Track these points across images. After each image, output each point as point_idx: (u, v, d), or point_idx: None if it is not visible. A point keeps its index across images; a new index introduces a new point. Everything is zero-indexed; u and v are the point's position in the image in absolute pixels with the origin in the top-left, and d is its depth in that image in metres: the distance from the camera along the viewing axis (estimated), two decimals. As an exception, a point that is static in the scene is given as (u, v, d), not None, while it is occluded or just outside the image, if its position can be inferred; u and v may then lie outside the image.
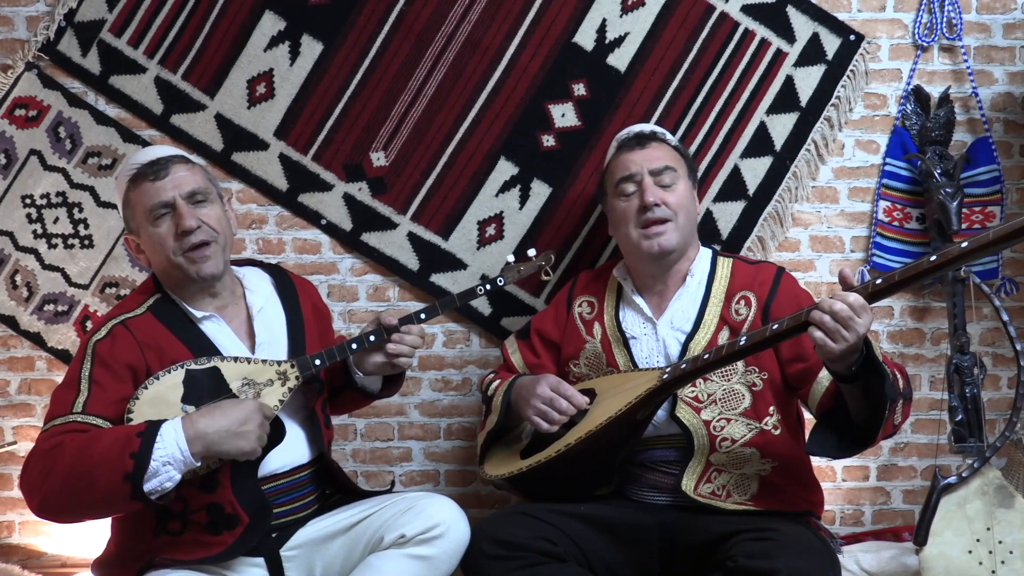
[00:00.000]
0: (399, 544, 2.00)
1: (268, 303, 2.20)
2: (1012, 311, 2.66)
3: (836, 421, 2.05)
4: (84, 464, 1.83)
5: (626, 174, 2.26)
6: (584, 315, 2.40)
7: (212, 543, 1.99)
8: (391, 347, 2.12)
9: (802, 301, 2.24)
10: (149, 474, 1.82)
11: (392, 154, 2.75)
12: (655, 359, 2.27)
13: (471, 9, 2.72)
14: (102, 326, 2.04)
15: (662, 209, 2.22)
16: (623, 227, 2.27)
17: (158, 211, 2.04)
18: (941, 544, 2.44)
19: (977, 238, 1.76)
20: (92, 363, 1.98)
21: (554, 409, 2.18)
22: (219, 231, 2.07)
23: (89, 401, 1.93)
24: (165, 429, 1.85)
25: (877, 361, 1.89)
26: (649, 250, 2.23)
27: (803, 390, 2.18)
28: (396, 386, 2.37)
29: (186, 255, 2.03)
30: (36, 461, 1.89)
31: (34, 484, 1.89)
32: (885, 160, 2.74)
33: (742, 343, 1.99)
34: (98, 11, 2.74)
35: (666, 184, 2.24)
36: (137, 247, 2.12)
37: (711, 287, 2.29)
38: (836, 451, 2.03)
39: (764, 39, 2.71)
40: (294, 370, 2.06)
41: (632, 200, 2.25)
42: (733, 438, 2.16)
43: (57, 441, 1.87)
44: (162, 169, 2.05)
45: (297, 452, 2.13)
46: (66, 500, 1.86)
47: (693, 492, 2.13)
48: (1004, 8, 2.74)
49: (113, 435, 1.86)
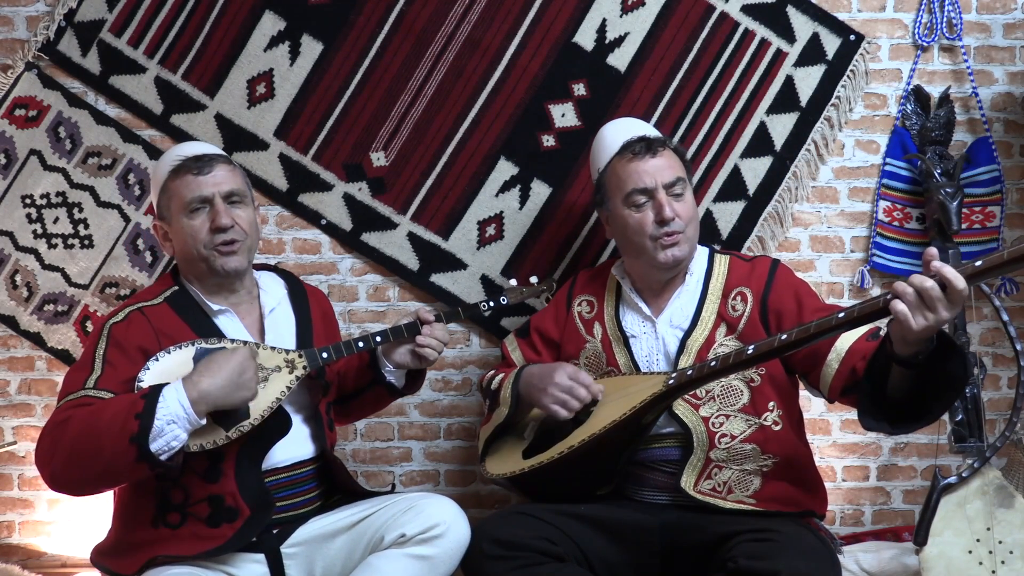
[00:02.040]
0: (399, 544, 2.01)
1: (280, 305, 2.25)
2: (1012, 311, 2.66)
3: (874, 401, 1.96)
4: (91, 432, 1.86)
5: (640, 187, 2.23)
6: (584, 314, 2.40)
7: (211, 536, 2.00)
8: (421, 338, 2.22)
9: (800, 291, 2.24)
10: (154, 433, 1.84)
11: (392, 154, 2.75)
12: (655, 357, 2.27)
13: (471, 9, 2.72)
14: (120, 311, 2.09)
15: (676, 223, 2.21)
16: (635, 237, 2.25)
17: (195, 204, 2.10)
18: (941, 544, 2.44)
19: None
20: (107, 344, 2.02)
21: (572, 396, 2.19)
22: (248, 233, 2.14)
23: (101, 378, 1.98)
24: (167, 390, 1.89)
25: (954, 342, 1.82)
26: (665, 262, 2.22)
27: (812, 375, 2.16)
28: (419, 383, 2.41)
29: (216, 248, 2.09)
30: (47, 435, 1.93)
31: (45, 457, 1.92)
32: (885, 160, 2.74)
33: (750, 352, 1.99)
34: (98, 11, 2.74)
35: (677, 194, 2.24)
36: (164, 235, 2.17)
37: (708, 284, 2.29)
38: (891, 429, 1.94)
39: (764, 39, 2.71)
40: (302, 360, 2.10)
41: (646, 212, 2.23)
42: (732, 434, 2.16)
43: (67, 415, 1.91)
44: (206, 165, 2.12)
45: (300, 447, 2.16)
46: (77, 469, 1.89)
47: (693, 489, 2.13)
48: (1004, 8, 2.74)
49: (118, 402, 1.90)
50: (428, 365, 2.29)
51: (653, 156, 2.24)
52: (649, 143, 2.26)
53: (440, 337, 2.24)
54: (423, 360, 2.26)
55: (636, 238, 2.25)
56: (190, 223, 2.10)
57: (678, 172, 2.25)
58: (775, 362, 2.19)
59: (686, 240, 2.23)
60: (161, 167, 2.17)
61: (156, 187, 2.17)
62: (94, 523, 2.69)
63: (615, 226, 2.32)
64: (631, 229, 2.25)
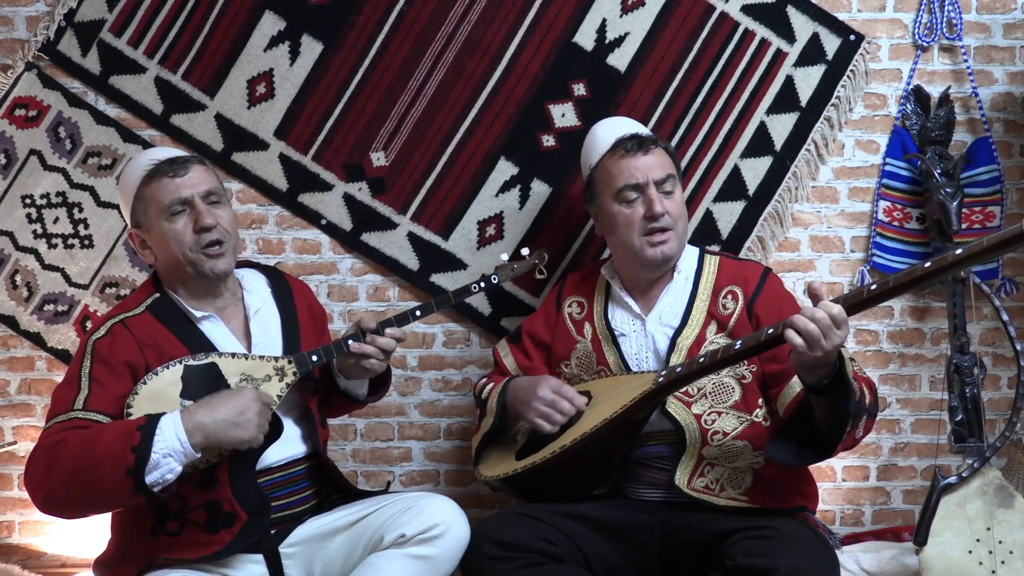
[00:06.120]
0: (399, 544, 2.00)
1: (265, 305, 2.22)
2: (1012, 311, 2.66)
3: (800, 429, 2.07)
4: (87, 460, 1.85)
5: (632, 183, 2.24)
6: (574, 315, 2.41)
7: (210, 542, 2.00)
8: (354, 346, 2.11)
9: (783, 303, 2.26)
10: (150, 467, 1.84)
11: (392, 154, 2.75)
12: (644, 355, 2.28)
13: (471, 9, 2.72)
14: (101, 325, 2.06)
15: (666, 219, 2.23)
16: (624, 233, 2.26)
17: (176, 207, 2.07)
18: (941, 544, 2.44)
19: (971, 246, 1.79)
20: (92, 361, 2.00)
21: (556, 411, 2.19)
22: (231, 232, 2.12)
23: (90, 398, 1.96)
24: (164, 422, 1.87)
25: (847, 377, 1.93)
26: (654, 258, 2.24)
27: (774, 390, 2.19)
28: (383, 390, 2.37)
29: (203, 251, 2.07)
30: (39, 458, 1.91)
31: (38, 480, 1.91)
32: (885, 160, 2.74)
33: (737, 347, 2.00)
34: (98, 11, 2.74)
35: (668, 191, 2.25)
36: (142, 243, 2.14)
37: (698, 283, 2.30)
38: (793, 459, 2.06)
39: (764, 39, 2.71)
40: (291, 366, 2.08)
41: (636, 208, 2.24)
42: (724, 431, 2.17)
43: (60, 438, 1.89)
44: (181, 167, 2.09)
45: (293, 446, 2.15)
46: (70, 496, 1.89)
47: (686, 487, 2.14)
48: (1004, 8, 2.74)
49: (115, 430, 1.88)
50: (373, 375, 2.20)
51: (645, 153, 2.26)
52: (641, 140, 2.28)
53: (382, 345, 2.10)
54: (367, 371, 2.15)
55: (625, 234, 2.26)
56: (172, 227, 2.07)
57: (668, 170, 2.27)
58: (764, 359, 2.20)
59: (675, 237, 2.24)
60: (131, 174, 2.13)
61: (128, 195, 2.13)
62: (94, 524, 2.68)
63: (604, 222, 2.33)
64: (620, 225, 2.26)
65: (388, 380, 2.37)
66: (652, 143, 2.28)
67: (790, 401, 2.13)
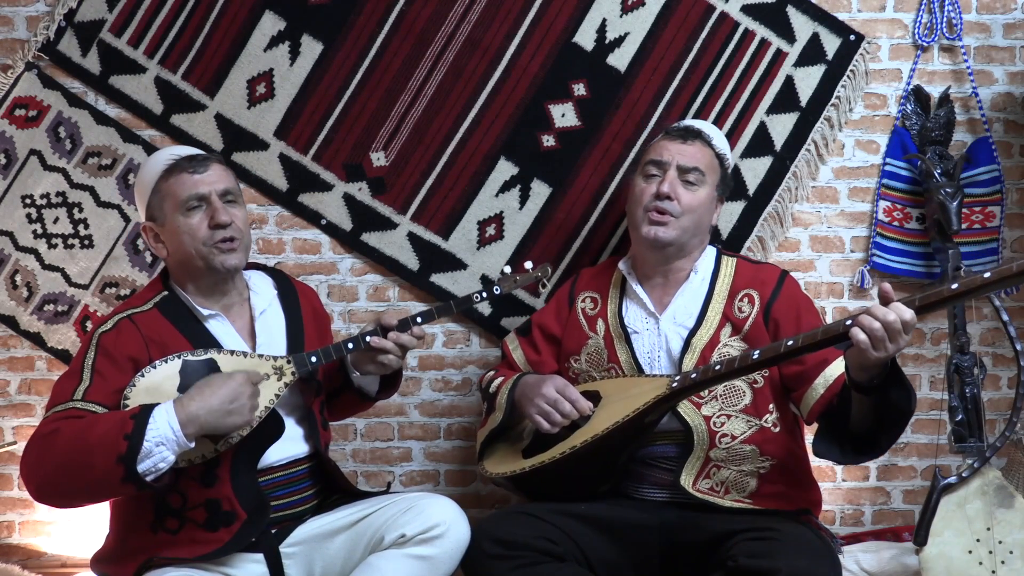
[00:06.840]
0: (399, 544, 2.00)
1: (270, 306, 2.23)
2: (1012, 311, 2.66)
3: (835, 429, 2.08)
4: (80, 448, 1.86)
5: (657, 158, 2.30)
6: (587, 311, 2.40)
7: (208, 540, 2.00)
8: (374, 341, 2.13)
9: (801, 306, 2.26)
10: (142, 455, 1.84)
11: (392, 154, 2.75)
12: (656, 354, 2.27)
13: (471, 9, 2.72)
14: (109, 319, 2.08)
15: (671, 204, 2.24)
16: (633, 206, 2.31)
17: (193, 202, 2.09)
18: (941, 544, 2.44)
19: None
20: (96, 353, 2.01)
21: (557, 411, 2.19)
22: (244, 232, 2.14)
23: (90, 389, 1.97)
24: (158, 411, 1.88)
25: (902, 375, 1.94)
26: (646, 235, 2.26)
27: (796, 393, 2.19)
28: (393, 388, 2.38)
29: (216, 245, 2.08)
30: (34, 446, 1.93)
31: (32, 469, 1.92)
32: (885, 160, 2.74)
33: (755, 357, 2.00)
34: (98, 11, 2.74)
35: (690, 183, 2.27)
36: (155, 236, 2.15)
37: (715, 284, 2.30)
38: (840, 458, 2.09)
39: (764, 39, 2.71)
40: (290, 366, 2.09)
41: (651, 184, 2.28)
42: (733, 434, 2.16)
43: (55, 427, 1.91)
44: (201, 164, 2.11)
45: (294, 446, 2.15)
46: (63, 483, 1.90)
47: (691, 488, 2.14)
48: (1004, 8, 2.74)
49: (109, 420, 1.89)
50: (389, 371, 2.22)
51: (684, 142, 2.31)
52: (687, 130, 2.35)
53: (404, 342, 2.13)
54: (384, 367, 2.18)
55: (634, 207, 2.31)
56: (187, 221, 2.08)
57: (700, 164, 2.29)
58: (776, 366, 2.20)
59: (676, 227, 2.25)
60: (151, 169, 2.15)
61: (145, 189, 2.14)
62: (94, 524, 2.68)
63: (628, 196, 2.37)
64: (633, 197, 2.32)
65: (399, 378, 2.38)
66: (696, 135, 2.33)
67: (814, 404, 2.14)
